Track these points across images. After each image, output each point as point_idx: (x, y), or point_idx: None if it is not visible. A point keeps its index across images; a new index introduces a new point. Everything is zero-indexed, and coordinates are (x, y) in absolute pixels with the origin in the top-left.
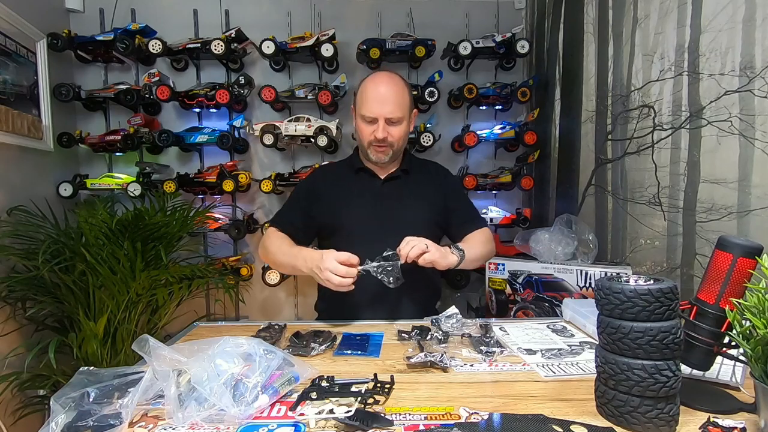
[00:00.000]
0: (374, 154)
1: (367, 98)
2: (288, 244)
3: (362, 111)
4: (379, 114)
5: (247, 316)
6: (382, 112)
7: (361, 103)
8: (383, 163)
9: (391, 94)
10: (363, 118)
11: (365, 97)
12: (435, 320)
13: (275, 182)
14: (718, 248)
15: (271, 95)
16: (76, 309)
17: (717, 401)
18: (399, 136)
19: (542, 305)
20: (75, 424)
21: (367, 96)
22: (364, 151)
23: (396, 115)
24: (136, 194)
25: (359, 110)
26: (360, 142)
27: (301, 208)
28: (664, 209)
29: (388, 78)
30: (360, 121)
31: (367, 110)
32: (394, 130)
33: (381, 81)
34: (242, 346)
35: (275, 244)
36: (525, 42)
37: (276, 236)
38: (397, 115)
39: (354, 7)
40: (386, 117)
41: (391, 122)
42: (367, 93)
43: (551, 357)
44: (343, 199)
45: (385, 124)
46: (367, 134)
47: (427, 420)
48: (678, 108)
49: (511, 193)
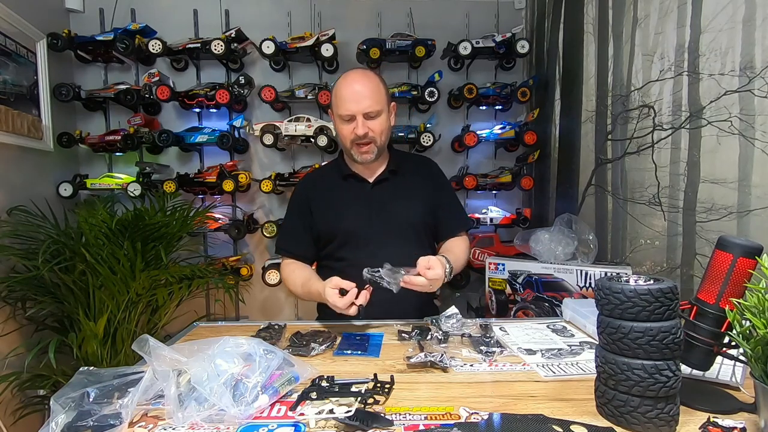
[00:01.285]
0: (358, 154)
1: (342, 98)
2: (301, 277)
3: (339, 111)
4: (356, 111)
5: (247, 316)
6: (359, 108)
7: (337, 104)
8: (369, 163)
9: (365, 89)
10: (341, 118)
11: (340, 97)
12: (435, 320)
13: (275, 182)
14: (718, 248)
15: (271, 95)
16: (76, 309)
17: (717, 401)
18: (380, 130)
19: (542, 305)
20: (75, 424)
21: (342, 95)
22: (349, 153)
23: (374, 108)
24: (136, 194)
25: (336, 111)
26: (343, 144)
27: (301, 224)
28: (664, 209)
29: (360, 75)
30: (339, 123)
31: (344, 109)
32: (373, 124)
33: (353, 79)
34: (242, 346)
35: (290, 279)
36: (525, 42)
37: (289, 269)
38: (375, 109)
39: (354, 7)
40: (364, 112)
41: (369, 116)
42: (341, 93)
43: (551, 357)
44: (335, 207)
45: (364, 119)
46: (348, 133)
47: (427, 420)
48: (678, 108)
49: (511, 193)
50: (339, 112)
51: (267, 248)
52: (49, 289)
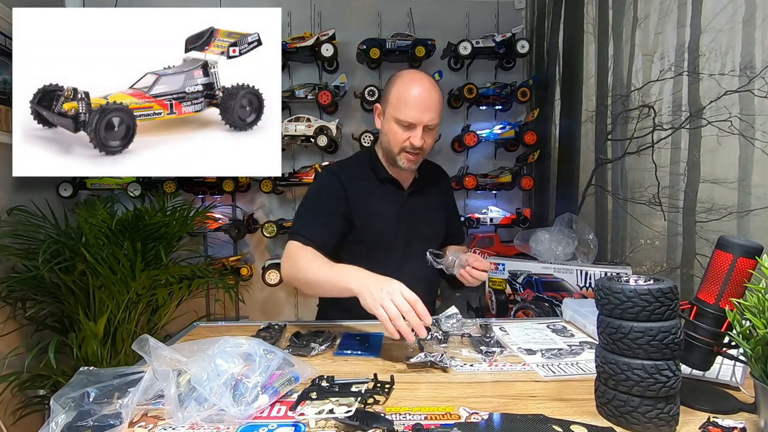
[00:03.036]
0: (404, 162)
1: (407, 102)
2: (322, 259)
3: (399, 115)
4: (419, 121)
5: (247, 316)
6: (423, 119)
7: (397, 106)
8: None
9: (432, 100)
10: (399, 122)
11: (404, 101)
12: (435, 320)
13: (275, 182)
14: (718, 248)
15: None
16: (76, 309)
17: (717, 401)
18: (431, 144)
19: (542, 305)
20: (75, 424)
21: (407, 100)
22: (392, 156)
23: (435, 122)
24: (136, 194)
25: (395, 113)
26: (388, 146)
27: (331, 212)
28: (664, 209)
29: (429, 83)
30: (393, 125)
31: (407, 115)
32: (429, 137)
33: (423, 86)
34: (242, 346)
35: (306, 259)
36: (525, 42)
37: (305, 251)
38: (435, 122)
39: (354, 7)
40: (426, 124)
41: (428, 129)
42: (407, 96)
43: (551, 357)
44: (373, 209)
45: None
46: (401, 140)
47: (427, 420)
48: (678, 108)
49: (511, 193)
50: (399, 116)
51: (267, 248)
52: (49, 289)
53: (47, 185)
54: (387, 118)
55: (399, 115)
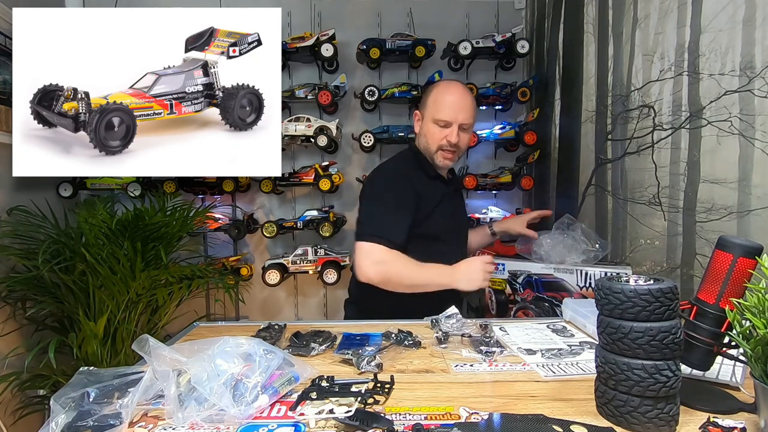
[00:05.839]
0: (441, 159)
1: (443, 103)
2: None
3: (437, 115)
4: (454, 119)
5: (247, 316)
6: (458, 117)
7: (435, 107)
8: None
9: (465, 102)
10: (437, 121)
11: (441, 102)
12: (435, 320)
13: (275, 182)
14: (718, 248)
15: None
16: (76, 309)
17: (717, 401)
18: (466, 143)
19: (542, 305)
20: (75, 424)
21: (443, 101)
22: (431, 155)
23: (469, 121)
24: (136, 194)
25: (433, 114)
26: (427, 146)
27: (406, 215)
28: (664, 209)
29: (462, 88)
30: (432, 125)
31: (444, 114)
32: (464, 136)
33: (456, 90)
34: (242, 346)
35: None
36: (525, 42)
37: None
38: (469, 122)
39: (354, 7)
40: (461, 123)
41: (462, 128)
42: (442, 98)
43: (551, 357)
44: (432, 206)
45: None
46: (439, 138)
47: (426, 420)
48: (678, 108)
49: (511, 193)
50: (437, 116)
51: (267, 248)
52: (49, 289)
53: (47, 185)
54: (426, 120)
55: (438, 116)
